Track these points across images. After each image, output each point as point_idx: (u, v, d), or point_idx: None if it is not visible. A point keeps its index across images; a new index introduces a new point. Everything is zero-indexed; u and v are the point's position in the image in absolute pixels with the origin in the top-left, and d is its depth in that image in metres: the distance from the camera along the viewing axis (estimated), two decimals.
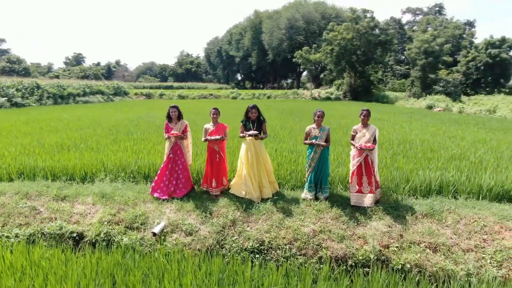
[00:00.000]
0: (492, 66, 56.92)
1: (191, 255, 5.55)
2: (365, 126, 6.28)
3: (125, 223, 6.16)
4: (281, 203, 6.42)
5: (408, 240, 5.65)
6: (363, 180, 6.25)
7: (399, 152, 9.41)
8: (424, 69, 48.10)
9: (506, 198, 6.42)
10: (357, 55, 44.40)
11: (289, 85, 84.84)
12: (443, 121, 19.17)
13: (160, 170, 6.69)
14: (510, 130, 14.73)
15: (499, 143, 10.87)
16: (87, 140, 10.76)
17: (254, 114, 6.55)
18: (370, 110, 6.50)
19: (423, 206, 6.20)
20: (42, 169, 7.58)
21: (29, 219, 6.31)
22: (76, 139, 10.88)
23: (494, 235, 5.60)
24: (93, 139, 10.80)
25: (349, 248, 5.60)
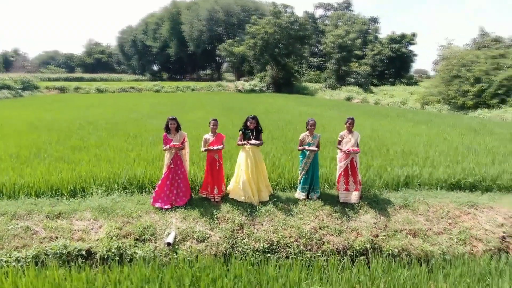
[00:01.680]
0: (394, 59, 63.25)
1: (209, 261, 5.92)
2: (350, 133, 7.15)
3: (134, 235, 6.23)
4: (280, 204, 7.03)
5: (392, 229, 6.68)
6: (349, 179, 7.14)
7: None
8: (338, 62, 51.78)
9: (457, 187, 7.84)
10: (279, 49, 46.25)
11: (209, 76, 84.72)
12: (370, 114, 21.34)
13: (161, 181, 6.83)
14: (430, 123, 17.12)
15: (430, 137, 12.75)
16: (45, 148, 10.13)
17: (253, 124, 7.02)
18: (297, 101, 7.40)
19: (398, 198, 7.31)
20: (23, 185, 7.15)
21: (26, 241, 6.03)
22: (29, 147, 10.16)
23: (456, 219, 6.90)
24: (52, 147, 10.19)
25: (347, 240, 6.45)
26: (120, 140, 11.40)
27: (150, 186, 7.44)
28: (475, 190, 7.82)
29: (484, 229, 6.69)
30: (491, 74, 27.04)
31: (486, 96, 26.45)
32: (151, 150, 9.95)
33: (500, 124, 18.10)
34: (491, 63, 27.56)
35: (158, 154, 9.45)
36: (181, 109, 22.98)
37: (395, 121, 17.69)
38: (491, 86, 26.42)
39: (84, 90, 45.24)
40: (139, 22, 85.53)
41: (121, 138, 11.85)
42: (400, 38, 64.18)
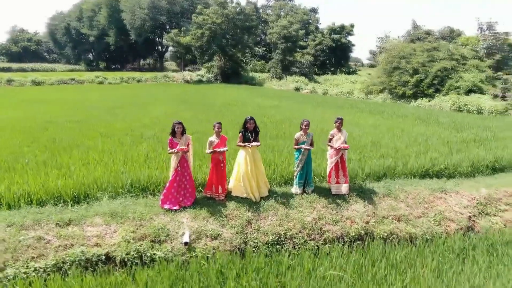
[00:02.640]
0: (334, 49, 66.14)
1: (223, 255, 6.37)
2: (339, 131, 7.88)
3: (150, 237, 6.48)
4: (279, 199, 7.61)
5: (379, 215, 7.57)
6: (339, 173, 7.90)
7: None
8: (284, 52, 53.00)
9: (427, 175, 8.95)
10: (226, 39, 46.34)
11: (151, 66, 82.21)
12: (325, 105, 22.56)
13: (169, 183, 7.07)
14: (382, 113, 18.60)
15: (389, 128, 14.01)
16: (21, 152, 9.75)
17: (252, 124, 7.48)
18: (250, 92, 8.12)
19: (380, 188, 8.22)
20: (22, 194, 7.01)
21: (41, 250, 6.04)
22: (2, 151, 9.72)
23: (431, 203, 7.97)
24: (30, 151, 9.84)
25: (343, 228, 7.22)
26: (96, 141, 11.22)
27: (155, 188, 7.64)
28: (441, 177, 9.01)
29: (454, 211, 7.83)
30: (427, 65, 29.63)
31: (423, 86, 28.99)
32: (135, 151, 9.99)
33: (441, 114, 20.15)
34: (427, 56, 30.17)
35: (146, 155, 9.56)
36: (138, 103, 22.55)
37: (351, 112, 18.97)
38: (428, 77, 28.99)
39: (19, 82, 42.07)
40: (72, 8, 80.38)
41: (96, 138, 11.64)
42: (340, 29, 67.15)
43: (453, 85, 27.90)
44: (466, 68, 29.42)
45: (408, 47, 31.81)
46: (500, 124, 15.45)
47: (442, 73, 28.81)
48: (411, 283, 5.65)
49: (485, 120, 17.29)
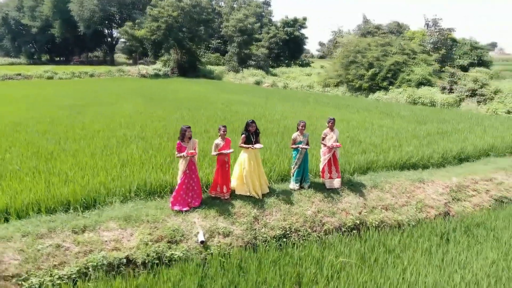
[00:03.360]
0: (288, 42, 67.42)
1: (238, 251, 6.83)
2: (332, 131, 8.53)
3: (166, 239, 6.77)
4: (280, 196, 8.15)
5: (370, 206, 8.36)
6: (332, 169, 8.57)
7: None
8: (240, 45, 53.28)
9: (404, 167, 9.89)
10: (183, 32, 45.74)
11: (99, 59, 78.91)
12: (290, 99, 23.34)
13: (178, 186, 7.35)
14: (348, 107, 19.68)
15: (359, 122, 14.99)
16: (3, 160, 9.46)
17: (253, 127, 7.92)
18: (213, 87, 8.74)
19: (368, 181, 9.02)
20: (30, 203, 6.98)
21: (62, 258, 6.15)
22: None
23: (412, 193, 8.89)
24: (12, 157, 9.57)
25: (340, 219, 7.92)
26: (81, 144, 11.07)
27: (161, 190, 7.87)
28: (417, 168, 10.00)
29: (432, 198, 8.81)
30: (381, 60, 31.35)
31: (378, 79, 30.71)
32: (126, 153, 10.04)
33: (400, 107, 21.65)
34: (380, 50, 31.90)
35: (138, 158, 9.66)
36: (102, 101, 21.97)
37: (318, 107, 19.88)
38: (382, 71, 30.72)
39: None
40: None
41: (78, 141, 11.46)
42: (293, 22, 68.51)
43: (405, 78, 29.84)
44: (415, 62, 31.53)
45: (363, 42, 33.41)
46: (454, 117, 17.02)
47: (395, 67, 30.66)
48: (408, 265, 6.44)
49: (440, 113, 18.91)
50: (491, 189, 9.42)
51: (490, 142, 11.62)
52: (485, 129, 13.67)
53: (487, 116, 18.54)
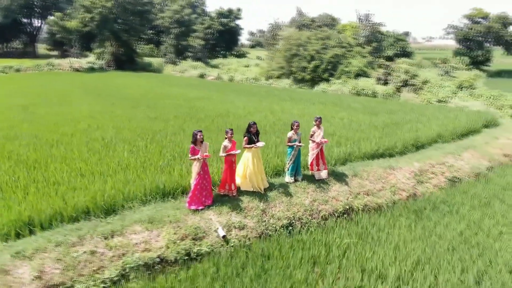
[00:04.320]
0: (224, 33, 67.76)
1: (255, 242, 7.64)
2: (319, 128, 9.57)
3: (190, 236, 7.35)
4: (279, 189, 9.04)
5: (354, 192, 9.60)
6: (319, 162, 9.65)
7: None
8: (178, 37, 52.62)
9: (375, 156, 11.30)
10: (118, 24, 43.97)
11: (19, 50, 72.35)
12: (241, 93, 24.16)
13: (193, 186, 7.89)
14: (302, 101, 20.99)
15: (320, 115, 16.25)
16: None
17: (255, 129, 8.67)
18: (158, 81, 9.70)
19: (348, 170, 10.25)
20: (52, 213, 7.10)
21: (99, 263, 6.50)
22: None
23: (386, 179, 10.31)
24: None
25: (333, 206, 9.05)
26: (62, 149, 10.92)
27: (173, 191, 8.34)
28: (385, 157, 11.47)
29: (402, 182, 10.31)
30: (321, 53, 33.33)
31: (320, 71, 32.67)
32: (118, 157, 10.20)
33: (348, 98, 23.51)
34: (321, 44, 33.86)
35: (134, 161, 9.92)
36: (48, 100, 20.83)
37: (275, 101, 20.94)
38: (323, 63, 32.72)
39: None
40: None
41: (56, 147, 11.24)
42: (228, 13, 68.90)
43: (344, 70, 32.14)
44: (352, 55, 34.03)
45: (303, 36, 35.12)
46: (399, 108, 19.09)
47: (334, 59, 32.84)
48: (399, 240, 7.73)
49: (385, 103, 21.02)
50: (445, 171, 11.21)
51: (437, 130, 13.57)
52: (429, 119, 15.76)
53: (424, 106, 21.02)
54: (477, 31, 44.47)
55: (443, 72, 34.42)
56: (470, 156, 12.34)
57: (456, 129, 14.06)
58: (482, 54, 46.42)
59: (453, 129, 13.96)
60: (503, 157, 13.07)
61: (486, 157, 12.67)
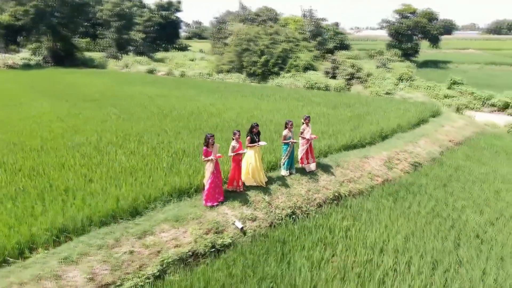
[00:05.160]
0: (165, 26, 66.60)
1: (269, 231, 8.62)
2: (307, 126, 10.69)
3: (213, 230, 8.13)
4: (278, 182, 10.04)
5: (339, 181, 10.90)
6: (309, 156, 10.80)
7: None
8: (119, 31, 50.96)
9: (350, 147, 12.70)
10: (57, 18, 41.56)
11: None
12: (202, 90, 24.63)
13: (209, 185, 8.61)
14: (263, 96, 22.02)
15: (287, 111, 17.45)
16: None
17: (257, 129, 9.56)
18: (109, 79, 10.75)
19: (331, 161, 11.52)
20: (84, 220, 7.46)
21: (140, 261, 7.08)
22: None
23: (363, 167, 11.75)
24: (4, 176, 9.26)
25: (324, 194, 10.27)
26: (52, 155, 10.94)
27: (188, 191, 8.99)
28: (358, 147, 12.92)
29: (376, 169, 11.83)
30: (271, 47, 34.60)
31: (270, 66, 33.95)
32: (121, 162, 10.53)
33: (306, 92, 24.98)
34: (270, 39, 35.10)
35: (137, 164, 10.33)
36: None
37: (238, 97, 21.78)
38: (273, 58, 34.03)
39: None
40: None
41: (42, 152, 11.24)
42: (168, 5, 67.70)
43: (293, 64, 33.76)
44: (299, 49, 35.74)
45: (253, 31, 36.10)
46: (355, 101, 20.84)
47: (283, 54, 34.31)
48: (390, 221, 9.12)
49: (340, 97, 22.74)
50: (407, 157, 12.96)
51: (396, 121, 15.39)
52: (385, 111, 17.64)
53: (376, 98, 23.09)
54: (407, 25, 48.57)
55: (381, 64, 37.49)
56: (424, 143, 14.29)
57: (410, 119, 16.04)
58: (411, 47, 50.81)
59: (408, 120, 15.92)
60: (449, 143, 15.26)
61: (437, 143, 14.74)
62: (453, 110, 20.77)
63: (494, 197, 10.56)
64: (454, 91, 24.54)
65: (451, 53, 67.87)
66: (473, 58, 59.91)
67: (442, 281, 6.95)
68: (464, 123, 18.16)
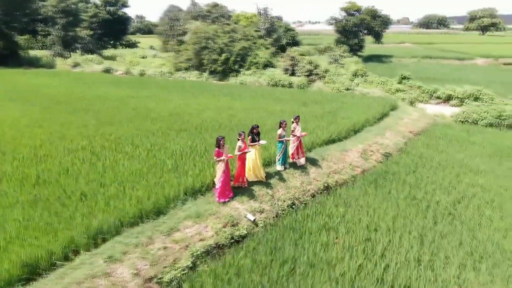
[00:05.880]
0: (112, 22, 64.62)
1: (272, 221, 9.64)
2: (297, 124, 11.79)
3: (229, 224, 8.99)
4: (276, 177, 11.05)
5: (326, 173, 12.15)
6: (299, 152, 11.93)
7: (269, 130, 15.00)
8: (65, 28, 48.90)
9: (329, 142, 14.01)
10: None
11: None
12: (173, 90, 24.92)
13: (221, 183, 9.42)
14: (234, 95, 22.82)
15: (260, 109, 18.43)
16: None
17: (257, 129, 10.48)
18: (68, 80, 11.81)
19: (316, 155, 12.73)
20: (115, 221, 7.98)
21: (173, 255, 7.78)
22: None
23: (343, 159, 13.10)
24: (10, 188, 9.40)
25: (315, 185, 11.47)
26: (53, 163, 11.10)
27: (200, 189, 9.72)
28: (336, 142, 14.26)
29: (356, 161, 13.25)
30: (229, 45, 35.32)
31: (230, 63, 34.71)
32: (128, 167, 10.90)
33: (273, 90, 26.08)
34: (228, 37, 35.80)
35: (141, 167, 10.83)
36: None
37: (209, 97, 22.41)
38: (232, 55, 34.80)
39: None
40: None
41: (38, 162, 11.37)
42: (115, 1, 65.62)
43: (252, 61, 34.78)
44: (257, 47, 36.80)
45: (211, 29, 36.57)
46: (320, 98, 22.32)
47: (243, 51, 35.19)
48: (377, 206, 10.50)
49: (306, 93, 24.15)
50: (379, 149, 14.55)
51: (363, 116, 16.98)
52: (351, 107, 19.26)
53: (339, 94, 24.79)
54: (353, 23, 51.44)
55: (333, 60, 39.69)
56: (390, 135, 16.03)
57: (375, 114, 17.74)
58: (357, 43, 53.91)
59: (373, 114, 17.61)
60: (409, 134, 17.16)
61: (400, 135, 16.56)
62: (407, 103, 23.01)
63: (455, 180, 12.37)
64: (405, 86, 26.98)
65: (390, 47, 72.52)
66: (410, 52, 64.60)
67: (430, 251, 8.39)
68: (418, 115, 20.34)
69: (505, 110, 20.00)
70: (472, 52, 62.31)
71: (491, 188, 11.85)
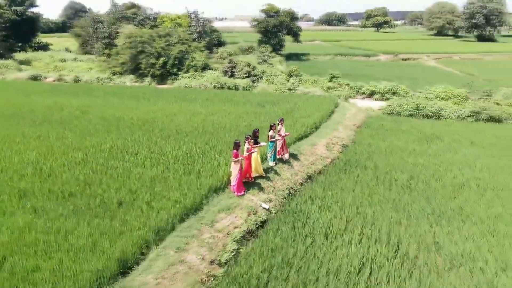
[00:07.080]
0: (20, 23, 59.76)
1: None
2: (282, 126, 13.94)
3: (252, 212, 10.86)
4: (271, 171, 13.10)
5: (305, 165, 14.53)
6: (283, 149, 14.12)
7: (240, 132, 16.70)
8: None
9: (300, 138, 16.40)
10: None
11: None
12: (126, 96, 25.23)
13: (238, 179, 11.17)
14: (188, 99, 24.04)
15: (230, 113, 20.16)
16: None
17: (258, 133, 12.41)
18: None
19: (294, 150, 15.00)
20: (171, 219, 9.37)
21: (221, 242, 9.47)
22: None
23: (315, 152, 15.61)
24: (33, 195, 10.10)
25: (302, 176, 13.77)
26: (65, 177, 11.78)
27: (220, 187, 11.36)
28: (304, 138, 16.70)
29: (324, 153, 15.85)
30: (166, 49, 35.95)
31: (169, 67, 35.41)
32: (137, 172, 12.05)
33: (223, 92, 27.69)
34: (164, 41, 36.36)
35: (156, 171, 12.06)
36: None
37: (167, 102, 23.38)
38: (170, 59, 35.53)
39: None
40: None
41: (38, 176, 11.94)
42: (21, 0, 60.58)
43: (190, 64, 35.88)
44: (192, 50, 37.93)
45: (146, 34, 36.73)
46: (270, 98, 24.62)
47: (180, 55, 36.09)
48: (353, 186, 13.13)
49: (256, 95, 26.25)
50: (338, 141, 17.37)
51: (319, 114, 19.73)
52: (303, 106, 21.94)
53: (286, 95, 27.34)
54: (273, 24, 54.91)
55: (262, 60, 42.56)
56: (342, 129, 19.03)
57: (326, 111, 20.64)
58: (278, 42, 57.64)
59: (325, 111, 20.50)
60: (354, 127, 20.40)
61: (349, 128, 19.67)
62: (343, 100, 26.54)
63: (403, 162, 15.65)
64: (335, 84, 30.68)
65: (305, 45, 78.14)
66: (324, 50, 70.65)
67: (405, 216, 11.22)
68: (356, 110, 23.89)
69: (420, 103, 24.49)
70: (375, 49, 70.25)
71: (428, 165, 15.33)
